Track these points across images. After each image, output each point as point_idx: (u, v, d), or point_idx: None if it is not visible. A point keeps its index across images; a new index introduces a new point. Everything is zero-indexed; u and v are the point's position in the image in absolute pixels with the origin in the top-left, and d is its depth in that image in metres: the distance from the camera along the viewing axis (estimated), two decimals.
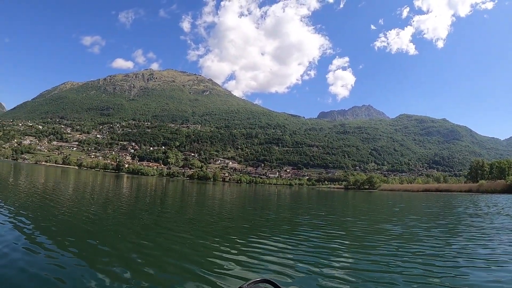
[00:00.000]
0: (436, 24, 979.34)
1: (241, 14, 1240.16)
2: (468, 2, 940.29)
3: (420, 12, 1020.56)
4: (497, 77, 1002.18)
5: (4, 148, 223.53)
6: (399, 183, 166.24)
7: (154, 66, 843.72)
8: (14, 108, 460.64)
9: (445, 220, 19.70)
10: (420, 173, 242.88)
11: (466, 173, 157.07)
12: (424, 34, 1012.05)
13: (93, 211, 16.00)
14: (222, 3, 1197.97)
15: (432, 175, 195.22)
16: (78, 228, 11.25)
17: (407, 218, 20.95)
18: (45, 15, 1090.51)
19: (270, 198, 43.94)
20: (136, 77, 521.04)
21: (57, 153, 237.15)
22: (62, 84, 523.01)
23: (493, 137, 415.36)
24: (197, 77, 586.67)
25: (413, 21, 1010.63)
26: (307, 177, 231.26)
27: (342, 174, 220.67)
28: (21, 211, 13.40)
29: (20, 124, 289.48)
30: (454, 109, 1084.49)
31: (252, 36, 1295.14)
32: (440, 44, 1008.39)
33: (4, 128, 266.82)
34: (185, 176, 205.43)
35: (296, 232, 13.64)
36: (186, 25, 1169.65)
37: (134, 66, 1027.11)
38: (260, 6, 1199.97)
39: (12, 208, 14.03)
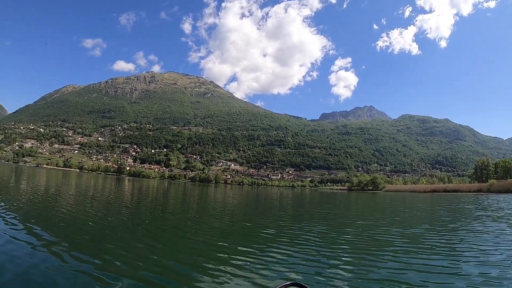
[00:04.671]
0: (439, 23, 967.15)
1: (243, 15, 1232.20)
2: (470, 1, 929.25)
3: (422, 11, 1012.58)
4: (500, 76, 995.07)
5: (5, 151, 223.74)
6: (403, 183, 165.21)
7: (156, 68, 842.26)
8: (16, 111, 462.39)
9: None
10: (423, 174, 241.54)
11: (471, 173, 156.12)
12: (427, 33, 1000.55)
13: (95, 217, 15.34)
14: (223, 4, 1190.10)
15: (436, 176, 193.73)
16: (80, 233, 10.84)
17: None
18: (46, 18, 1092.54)
19: (274, 203, 42.88)
20: (137, 79, 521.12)
21: (58, 156, 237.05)
22: (63, 87, 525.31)
23: (496, 137, 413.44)
24: (199, 79, 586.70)
25: (416, 21, 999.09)
26: (310, 179, 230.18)
27: (345, 175, 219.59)
28: (24, 215, 13.17)
29: (22, 127, 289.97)
30: (457, 109, 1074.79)
31: (253, 38, 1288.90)
32: (443, 43, 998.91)
33: (6, 131, 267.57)
34: (187, 178, 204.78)
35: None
36: (187, 27, 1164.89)
37: (136, 68, 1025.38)
38: (262, 7, 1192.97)
39: (15, 213, 13.58)
